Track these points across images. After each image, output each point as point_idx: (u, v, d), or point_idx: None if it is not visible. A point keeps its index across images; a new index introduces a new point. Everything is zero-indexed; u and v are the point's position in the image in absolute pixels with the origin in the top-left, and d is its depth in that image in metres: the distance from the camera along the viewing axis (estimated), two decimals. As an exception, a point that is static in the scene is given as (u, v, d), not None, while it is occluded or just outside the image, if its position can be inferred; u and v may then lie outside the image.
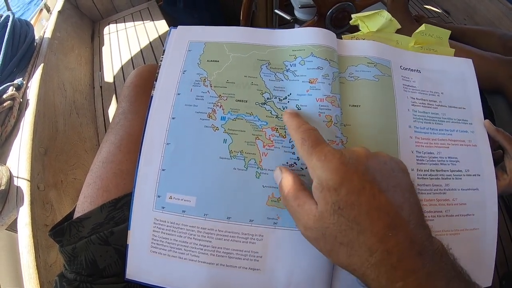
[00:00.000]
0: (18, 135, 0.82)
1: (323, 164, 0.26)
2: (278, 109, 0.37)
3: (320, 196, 0.25)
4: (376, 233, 0.23)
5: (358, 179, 0.25)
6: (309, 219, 0.26)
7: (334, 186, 0.24)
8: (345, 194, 0.24)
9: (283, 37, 0.41)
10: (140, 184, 0.37)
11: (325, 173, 0.25)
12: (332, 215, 0.24)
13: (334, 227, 0.24)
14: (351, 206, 0.24)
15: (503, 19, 1.25)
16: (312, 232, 0.26)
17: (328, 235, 0.25)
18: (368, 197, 0.24)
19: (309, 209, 0.26)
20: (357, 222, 0.24)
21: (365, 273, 0.24)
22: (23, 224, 0.66)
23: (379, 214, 0.24)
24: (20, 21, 1.07)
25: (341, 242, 0.24)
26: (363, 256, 0.24)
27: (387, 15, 0.45)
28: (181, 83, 0.40)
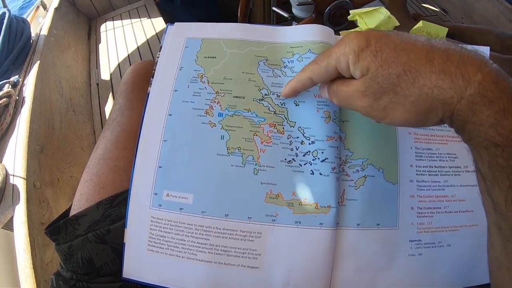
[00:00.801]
0: (14, 132, 0.81)
1: (345, 42, 0.26)
2: (276, 105, 0.37)
3: (359, 63, 0.25)
4: (422, 46, 0.24)
5: (378, 32, 0.26)
6: (360, 86, 0.26)
7: (364, 44, 0.25)
8: (376, 42, 0.25)
9: (280, 33, 0.41)
10: (136, 182, 0.36)
11: (351, 43, 0.25)
12: (375, 60, 0.24)
13: (382, 68, 0.24)
14: (386, 45, 0.24)
15: (501, 18, 1.26)
16: (368, 95, 0.26)
17: (382, 79, 0.24)
18: (397, 35, 0.25)
19: (356, 81, 0.26)
20: (401, 47, 0.24)
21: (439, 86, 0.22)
22: (19, 222, 0.65)
23: (414, 38, 0.25)
24: (16, 18, 1.06)
25: (398, 73, 0.24)
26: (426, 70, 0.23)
27: (386, 12, 0.45)
28: (178, 80, 0.39)
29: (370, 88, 0.25)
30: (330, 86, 0.31)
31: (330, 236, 0.33)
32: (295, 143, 0.36)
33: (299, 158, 0.35)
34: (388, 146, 0.36)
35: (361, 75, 0.26)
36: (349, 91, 0.27)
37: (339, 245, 0.34)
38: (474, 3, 1.37)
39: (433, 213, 0.36)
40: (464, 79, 0.21)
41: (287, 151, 0.35)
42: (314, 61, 0.30)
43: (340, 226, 0.34)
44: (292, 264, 0.33)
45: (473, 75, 0.21)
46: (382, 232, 0.34)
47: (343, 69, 0.27)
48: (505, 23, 1.24)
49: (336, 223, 0.34)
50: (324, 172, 0.34)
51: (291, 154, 0.35)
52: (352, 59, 0.25)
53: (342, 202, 0.34)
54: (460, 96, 0.22)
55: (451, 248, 0.36)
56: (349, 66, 0.26)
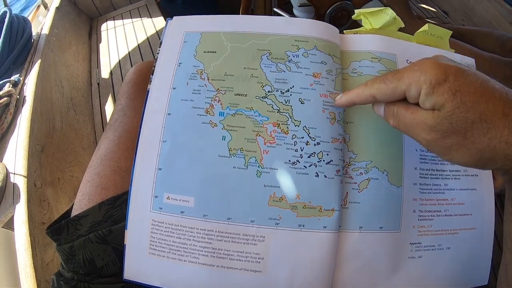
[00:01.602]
0: (15, 132, 0.81)
1: (421, 70, 0.25)
2: (280, 103, 0.36)
3: (433, 97, 0.25)
4: (500, 97, 0.23)
5: (455, 65, 0.25)
6: (429, 120, 0.25)
7: (442, 77, 0.24)
8: (454, 79, 0.24)
9: (284, 25, 0.40)
10: (136, 184, 0.35)
11: (429, 74, 0.25)
12: (453, 100, 0.24)
13: (459, 110, 0.24)
14: (465, 85, 0.24)
15: (501, 20, 1.26)
16: (437, 131, 0.25)
17: (456, 121, 0.24)
18: (474, 75, 0.25)
19: (424, 113, 0.26)
20: (480, 93, 0.24)
21: (508, 142, 0.23)
22: (19, 222, 0.65)
23: (491, 84, 0.24)
24: (18, 17, 1.06)
25: (473, 120, 0.24)
26: (500, 124, 0.23)
27: (392, 13, 0.45)
28: (177, 77, 0.38)
29: (440, 125, 0.25)
30: (390, 107, 0.30)
31: (333, 239, 0.33)
32: (300, 144, 0.35)
33: (304, 160, 0.34)
34: (393, 148, 0.36)
35: (432, 108, 0.25)
36: (414, 119, 0.27)
37: (341, 248, 0.34)
38: (475, 5, 1.37)
39: (434, 216, 0.36)
40: None
41: (292, 152, 0.34)
42: (381, 79, 0.28)
43: (343, 229, 0.34)
44: (295, 267, 0.33)
45: None
46: (384, 236, 0.34)
47: (412, 96, 0.26)
48: (506, 25, 1.24)
49: (339, 226, 0.34)
50: (328, 174, 0.34)
51: (295, 155, 0.34)
52: (426, 90, 0.25)
53: (345, 205, 0.34)
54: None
55: (450, 251, 0.36)
56: (421, 95, 0.26)
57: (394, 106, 0.29)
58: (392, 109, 0.29)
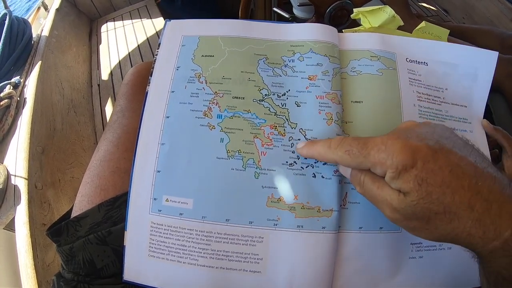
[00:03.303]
0: (16, 133, 0.81)
1: (388, 152, 0.24)
2: (277, 106, 0.36)
3: (400, 181, 0.24)
4: (468, 187, 0.23)
5: (426, 147, 0.24)
6: (393, 201, 0.25)
7: (410, 164, 0.24)
8: (423, 165, 0.23)
9: (281, 31, 0.40)
10: (135, 186, 0.36)
11: (396, 158, 0.24)
12: (419, 190, 0.23)
13: (424, 200, 0.23)
14: (433, 173, 0.23)
15: (502, 18, 1.25)
16: (400, 214, 0.25)
17: (420, 210, 0.24)
18: (444, 158, 0.24)
19: (390, 192, 0.25)
20: (447, 184, 0.23)
21: (471, 233, 0.23)
22: (20, 223, 0.66)
23: (461, 169, 0.23)
24: (18, 19, 1.07)
25: (437, 211, 0.23)
26: (464, 215, 0.23)
27: (390, 11, 0.44)
28: (175, 80, 0.38)
29: (404, 210, 0.25)
30: (357, 174, 0.29)
31: (332, 240, 0.33)
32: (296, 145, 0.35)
33: (300, 161, 0.34)
34: None
35: (397, 190, 0.25)
36: (380, 195, 0.26)
37: (341, 249, 0.34)
38: (475, 3, 1.37)
39: None
40: (495, 233, 0.22)
41: (289, 153, 0.35)
42: (346, 149, 0.27)
43: (342, 230, 0.34)
44: (294, 268, 0.33)
45: (503, 231, 0.22)
46: (384, 236, 0.34)
47: (377, 173, 0.26)
48: (506, 23, 1.24)
49: (338, 227, 0.33)
50: (326, 175, 0.34)
51: (292, 156, 0.34)
52: (392, 175, 0.24)
53: (344, 205, 0.34)
54: (486, 244, 0.23)
55: (451, 251, 0.36)
56: (386, 176, 0.25)
57: (361, 175, 0.28)
58: (359, 176, 0.28)
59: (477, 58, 0.41)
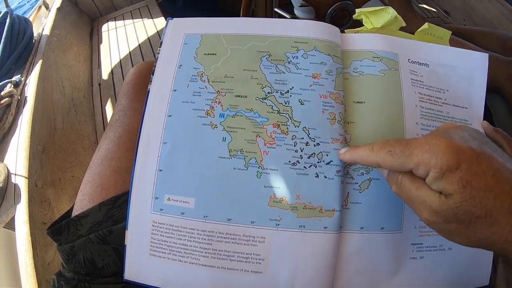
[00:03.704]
0: (16, 132, 0.81)
1: (432, 151, 0.24)
2: (280, 104, 0.36)
3: (443, 182, 0.24)
4: (509, 192, 0.23)
5: (470, 150, 0.24)
6: (433, 203, 0.24)
7: (454, 165, 0.23)
8: (467, 167, 0.23)
9: (284, 26, 0.40)
10: (137, 185, 0.35)
11: (440, 158, 0.24)
12: (463, 192, 0.23)
13: (468, 203, 0.23)
14: (477, 176, 0.23)
15: (502, 20, 1.26)
16: (440, 216, 0.25)
17: (462, 213, 0.23)
18: (487, 162, 0.24)
19: (430, 193, 0.25)
20: (490, 188, 0.23)
21: (508, 239, 0.23)
22: (21, 222, 0.66)
23: (502, 174, 0.23)
24: (19, 18, 1.06)
25: (479, 215, 0.23)
26: (503, 221, 0.23)
27: (393, 12, 0.44)
28: (177, 79, 0.38)
29: (445, 212, 0.24)
30: (394, 173, 0.28)
31: (334, 240, 0.33)
32: (299, 145, 0.35)
33: (303, 160, 0.34)
34: None
35: (439, 191, 0.24)
36: (418, 197, 0.26)
37: (342, 249, 0.34)
38: (475, 4, 1.37)
39: None
40: None
41: (291, 152, 0.34)
42: (388, 149, 0.27)
43: (344, 230, 0.34)
44: (296, 268, 0.33)
45: None
46: (386, 236, 0.34)
47: (419, 175, 0.25)
48: (507, 25, 1.24)
49: (340, 227, 0.33)
50: (329, 175, 0.34)
51: (295, 156, 0.34)
52: (435, 175, 0.24)
53: (346, 205, 0.34)
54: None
55: (452, 251, 0.36)
56: (428, 177, 0.25)
57: (399, 175, 0.27)
58: (397, 177, 0.28)
59: (471, 60, 0.41)
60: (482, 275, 0.37)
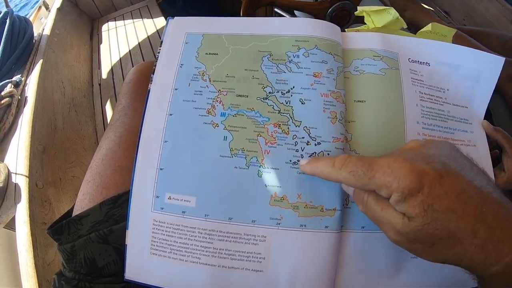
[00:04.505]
0: (17, 132, 0.81)
1: (394, 175, 0.24)
2: (281, 104, 0.36)
3: (405, 205, 0.24)
4: (474, 213, 0.23)
5: (433, 171, 0.24)
6: (397, 225, 0.25)
7: (416, 188, 0.23)
8: (429, 190, 0.23)
9: (285, 25, 0.40)
10: (137, 184, 0.35)
11: (402, 182, 0.23)
12: (425, 216, 0.23)
13: (429, 226, 0.23)
14: (439, 198, 0.23)
15: (502, 20, 1.25)
16: (404, 237, 0.25)
17: (425, 236, 0.24)
18: (451, 182, 0.23)
19: (395, 215, 0.25)
20: (452, 210, 0.23)
21: (472, 258, 0.23)
22: (21, 222, 0.66)
23: (467, 194, 0.23)
24: (19, 18, 1.07)
25: (441, 237, 0.23)
26: (467, 241, 0.23)
27: (394, 13, 0.44)
28: (179, 78, 0.38)
29: (407, 234, 0.24)
30: (360, 193, 0.28)
31: (335, 239, 0.33)
32: (300, 144, 0.34)
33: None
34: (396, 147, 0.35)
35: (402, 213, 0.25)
36: (383, 217, 0.26)
37: (343, 248, 0.34)
38: (476, 4, 1.37)
39: None
40: (496, 258, 0.22)
41: (292, 152, 0.34)
42: (350, 170, 0.26)
43: (345, 229, 0.34)
44: (297, 267, 0.33)
45: (504, 256, 0.22)
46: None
47: (382, 195, 0.25)
48: (507, 25, 1.24)
49: (341, 226, 0.33)
50: None
51: (296, 155, 0.34)
52: (397, 198, 0.24)
53: (347, 204, 0.34)
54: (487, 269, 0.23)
55: None
56: (391, 199, 0.25)
57: (364, 194, 0.27)
58: (362, 196, 0.28)
59: (482, 61, 0.40)
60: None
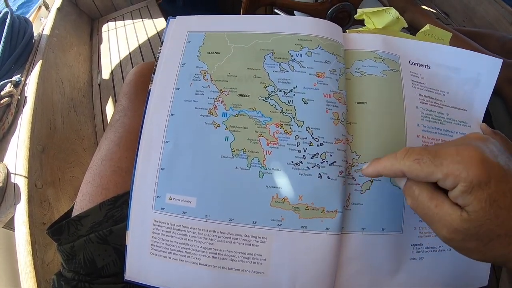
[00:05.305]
0: (16, 132, 0.81)
1: (465, 163, 0.23)
2: (283, 103, 0.36)
3: (471, 197, 0.23)
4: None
5: (499, 167, 0.23)
6: (454, 221, 0.24)
7: (484, 180, 0.22)
8: (496, 185, 0.23)
9: (288, 23, 0.39)
10: (138, 184, 0.35)
11: (472, 172, 0.23)
12: (489, 210, 0.23)
13: (491, 222, 0.23)
14: (504, 194, 0.23)
15: (502, 21, 1.26)
16: (460, 234, 0.24)
17: (484, 232, 0.23)
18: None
19: (451, 211, 0.24)
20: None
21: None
22: (20, 222, 0.65)
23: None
24: (19, 18, 1.06)
25: (499, 234, 0.23)
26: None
27: (395, 13, 0.44)
28: (180, 77, 0.38)
29: (466, 230, 0.24)
30: (412, 186, 0.27)
31: (335, 240, 0.33)
32: (302, 145, 0.34)
33: (306, 161, 0.34)
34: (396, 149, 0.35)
35: (463, 206, 0.24)
36: (437, 214, 0.25)
37: (344, 250, 0.34)
38: (475, 6, 1.37)
39: None
40: None
41: (294, 153, 0.34)
42: (415, 157, 0.25)
43: (345, 231, 0.34)
44: (297, 269, 0.33)
45: None
46: (386, 237, 0.34)
47: (445, 186, 0.24)
48: (506, 26, 1.24)
49: (341, 228, 0.33)
50: (332, 176, 0.33)
51: (298, 156, 0.34)
52: (464, 189, 0.23)
53: (347, 206, 0.34)
54: None
55: (451, 252, 0.36)
56: (455, 189, 0.24)
57: (417, 188, 0.26)
58: (414, 190, 0.27)
59: (481, 63, 0.40)
60: (481, 275, 0.37)
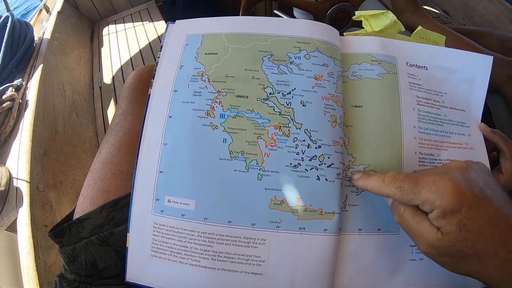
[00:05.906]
0: (18, 136, 0.81)
1: (439, 193, 0.26)
2: (282, 105, 0.35)
3: (443, 221, 0.26)
4: (498, 237, 0.26)
5: (472, 194, 0.26)
6: (431, 238, 0.27)
7: (456, 208, 0.26)
8: (467, 211, 0.26)
9: (286, 26, 0.39)
10: (138, 187, 0.36)
11: (445, 201, 0.26)
12: (459, 234, 0.26)
13: (461, 243, 0.26)
14: (473, 220, 0.26)
15: (502, 20, 1.26)
16: (435, 250, 0.27)
17: (455, 251, 0.26)
18: (485, 208, 0.26)
19: (429, 229, 0.27)
20: (482, 233, 0.25)
21: (491, 275, 0.26)
22: (22, 224, 0.66)
23: (496, 220, 0.26)
24: (20, 22, 1.07)
25: (469, 254, 0.26)
26: (489, 261, 0.26)
27: (392, 16, 0.44)
28: (178, 79, 0.38)
29: (439, 248, 0.27)
30: (398, 206, 0.30)
31: (333, 241, 0.33)
32: (301, 147, 0.34)
33: (305, 163, 0.34)
34: (392, 151, 0.36)
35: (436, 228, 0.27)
36: (417, 230, 0.28)
37: (341, 250, 0.34)
38: (475, 4, 1.37)
39: None
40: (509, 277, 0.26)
41: (293, 155, 0.34)
42: (398, 186, 0.29)
43: (342, 232, 0.34)
44: (296, 270, 0.33)
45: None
46: (383, 237, 0.34)
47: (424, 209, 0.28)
48: (506, 24, 1.24)
49: (339, 229, 0.34)
50: (329, 178, 0.34)
51: (296, 158, 0.34)
52: (438, 214, 0.26)
53: (344, 207, 0.34)
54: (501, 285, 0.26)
55: None
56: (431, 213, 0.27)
57: (402, 207, 0.30)
58: (399, 208, 0.30)
59: (474, 62, 0.41)
60: None
